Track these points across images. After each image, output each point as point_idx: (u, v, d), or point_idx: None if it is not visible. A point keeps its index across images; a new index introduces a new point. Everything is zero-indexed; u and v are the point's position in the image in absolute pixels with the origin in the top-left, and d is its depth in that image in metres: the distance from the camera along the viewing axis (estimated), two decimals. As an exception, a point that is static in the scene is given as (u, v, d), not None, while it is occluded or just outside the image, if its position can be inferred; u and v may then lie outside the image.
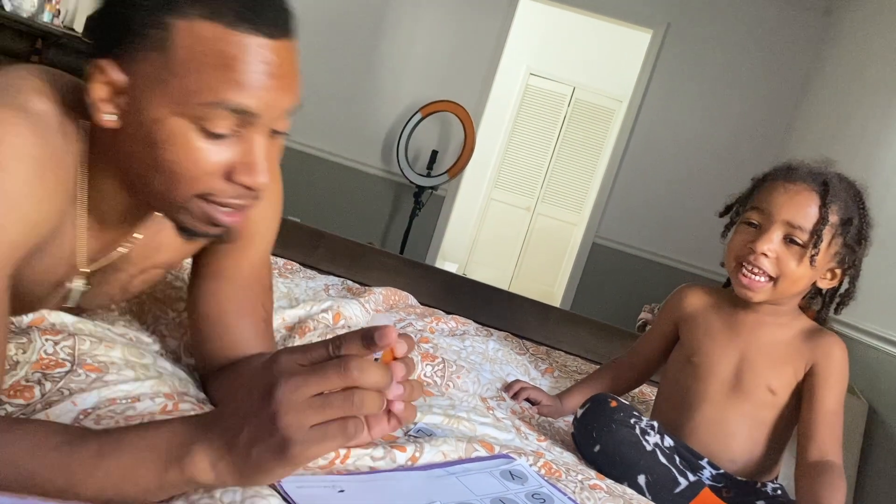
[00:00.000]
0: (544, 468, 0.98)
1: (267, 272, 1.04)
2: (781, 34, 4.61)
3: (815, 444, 1.17)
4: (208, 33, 0.69)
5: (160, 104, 0.70)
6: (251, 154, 0.75)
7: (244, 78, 0.70)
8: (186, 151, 0.72)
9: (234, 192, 0.76)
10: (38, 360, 0.84)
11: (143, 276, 0.97)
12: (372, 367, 0.62)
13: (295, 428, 0.59)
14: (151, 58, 0.70)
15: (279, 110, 0.75)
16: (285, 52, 0.74)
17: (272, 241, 1.03)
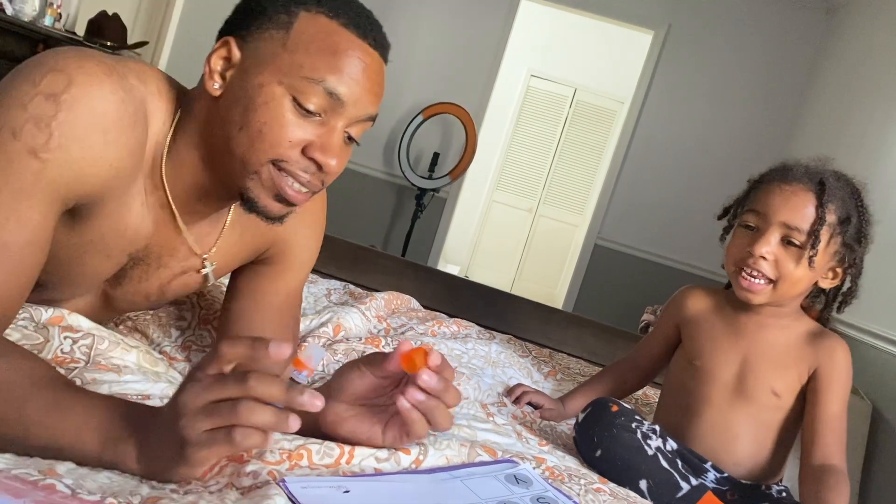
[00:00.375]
0: (547, 472, 0.98)
1: (299, 302, 1.09)
2: (783, 34, 4.61)
3: (819, 447, 1.16)
4: (325, 25, 0.82)
5: (268, 73, 0.80)
6: (329, 137, 0.83)
7: (344, 67, 0.81)
8: (277, 116, 0.80)
9: (304, 166, 0.83)
10: (54, 358, 0.85)
11: (185, 277, 0.98)
12: (270, 380, 0.64)
13: (188, 430, 0.63)
14: (273, 35, 0.81)
15: (363, 108, 0.85)
16: (379, 64, 0.86)
17: (308, 270, 1.08)
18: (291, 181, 0.83)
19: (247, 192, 0.84)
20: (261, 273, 1.04)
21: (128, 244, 0.89)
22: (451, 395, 0.81)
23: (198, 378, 0.65)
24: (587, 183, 6.71)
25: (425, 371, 0.77)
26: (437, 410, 0.80)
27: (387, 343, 1.46)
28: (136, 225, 0.88)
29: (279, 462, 0.76)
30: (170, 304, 1.28)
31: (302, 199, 0.86)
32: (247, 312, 1.02)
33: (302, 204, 0.87)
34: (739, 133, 4.68)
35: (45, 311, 0.92)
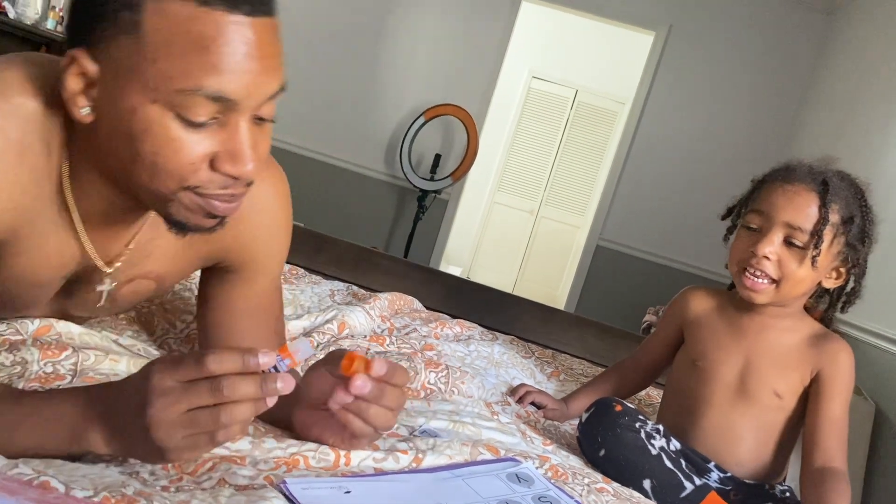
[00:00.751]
0: (550, 472, 0.97)
1: (277, 299, 1.03)
2: (784, 34, 4.61)
3: (821, 450, 1.16)
4: (180, 13, 0.64)
5: (134, 92, 0.66)
6: (235, 141, 0.70)
7: (221, 60, 0.66)
8: (166, 142, 0.68)
9: (221, 182, 0.72)
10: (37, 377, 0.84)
11: (132, 285, 0.93)
12: (243, 381, 0.65)
13: (166, 441, 0.64)
14: (123, 43, 0.66)
15: (262, 95, 0.71)
16: (266, 31, 0.69)
17: (279, 271, 1.01)
18: (214, 199, 0.73)
19: (171, 217, 0.75)
20: (227, 280, 0.96)
21: (57, 270, 0.84)
22: (390, 397, 0.79)
23: (167, 390, 0.64)
24: (589, 184, 6.71)
25: (358, 376, 0.76)
26: (370, 411, 0.79)
27: (391, 342, 1.45)
28: (60, 250, 0.81)
29: (274, 468, 0.76)
30: (173, 296, 1.28)
31: (235, 208, 0.76)
32: (223, 321, 0.97)
33: (238, 208, 0.77)
34: (741, 133, 4.67)
35: (31, 323, 0.92)
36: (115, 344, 0.99)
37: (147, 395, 0.64)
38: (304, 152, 4.99)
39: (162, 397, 0.64)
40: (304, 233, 2.20)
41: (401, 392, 0.81)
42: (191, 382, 0.65)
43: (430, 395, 1.24)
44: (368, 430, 0.81)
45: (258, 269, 0.96)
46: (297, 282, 1.81)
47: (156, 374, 0.65)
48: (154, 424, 0.64)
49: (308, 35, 4.94)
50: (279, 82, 0.73)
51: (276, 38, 0.72)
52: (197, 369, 0.65)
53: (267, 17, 0.70)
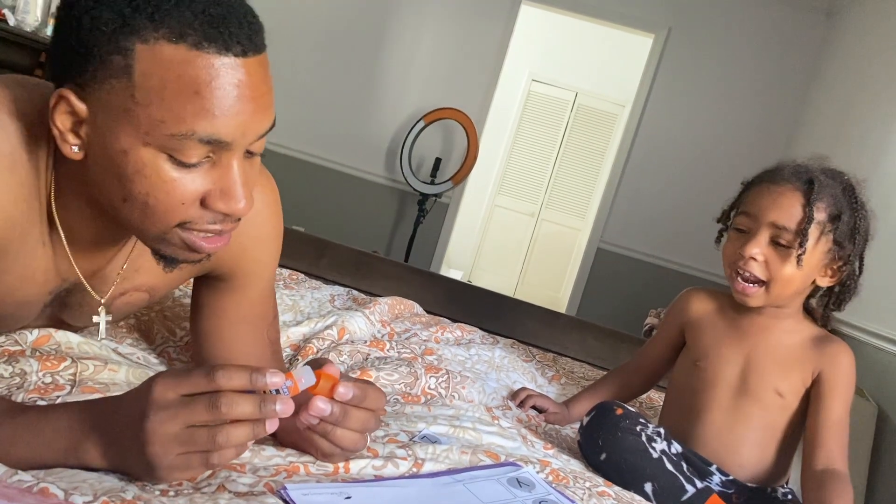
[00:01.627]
0: (551, 476, 0.97)
1: (270, 304, 1.02)
2: (783, 36, 4.61)
3: (822, 452, 1.16)
4: (172, 57, 0.64)
5: (125, 134, 0.66)
6: (227, 180, 0.71)
7: (214, 105, 0.66)
8: (158, 183, 0.68)
9: (211, 219, 0.72)
10: (36, 388, 0.84)
11: (125, 298, 0.93)
12: (241, 400, 0.65)
13: (160, 457, 0.64)
14: (115, 86, 0.65)
15: (255, 134, 0.71)
16: (258, 69, 0.69)
17: (272, 278, 1.01)
18: (203, 234, 0.74)
19: (158, 251, 0.76)
20: (219, 288, 0.96)
21: (43, 286, 0.83)
22: (355, 420, 0.78)
23: (167, 403, 0.64)
24: (589, 186, 6.71)
25: (318, 398, 0.74)
26: (335, 433, 0.78)
27: (391, 346, 1.45)
28: (46, 267, 0.81)
29: (274, 475, 0.76)
30: (173, 303, 1.28)
31: (223, 243, 0.76)
32: (216, 329, 0.97)
33: (226, 244, 0.77)
34: (741, 135, 4.67)
35: (30, 334, 0.92)
36: (114, 353, 0.99)
37: (146, 408, 0.64)
38: (304, 157, 5.00)
39: (161, 410, 0.64)
40: (305, 237, 2.20)
41: (370, 416, 0.79)
42: (191, 397, 0.65)
43: (431, 400, 1.24)
44: (336, 450, 0.80)
45: (250, 276, 0.96)
46: (297, 287, 1.81)
47: (158, 385, 0.65)
48: (150, 438, 0.63)
49: (308, 40, 4.95)
50: (271, 119, 0.73)
51: (268, 73, 0.72)
52: (205, 383, 0.65)
53: (258, 55, 0.69)
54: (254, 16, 0.70)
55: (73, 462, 0.67)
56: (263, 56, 0.71)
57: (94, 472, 0.67)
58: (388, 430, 0.99)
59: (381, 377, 1.25)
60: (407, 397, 1.22)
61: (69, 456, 0.67)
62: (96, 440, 0.66)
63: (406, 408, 1.14)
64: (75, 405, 0.69)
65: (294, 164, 4.97)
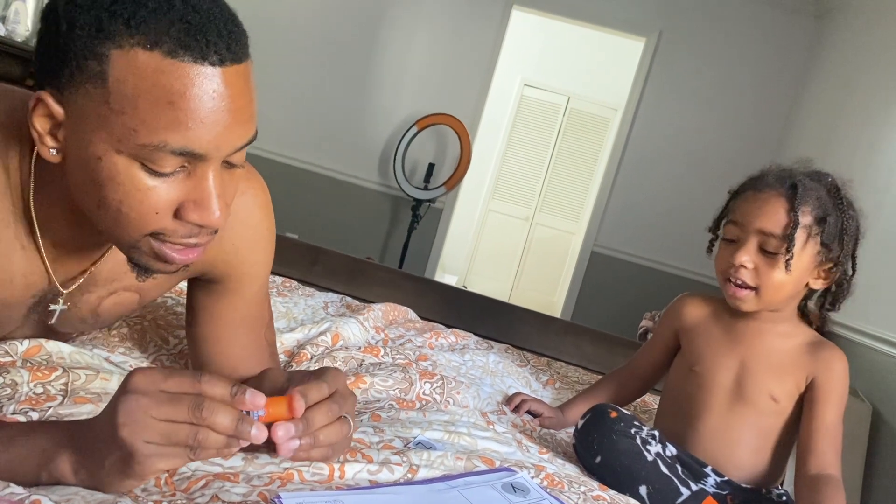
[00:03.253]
0: (546, 480, 0.97)
1: (265, 307, 1.02)
2: (773, 39, 4.63)
3: (815, 457, 1.16)
4: (147, 65, 0.62)
5: (100, 140, 0.65)
6: (202, 191, 0.69)
7: (188, 116, 0.64)
8: (132, 191, 0.67)
9: (185, 231, 0.71)
10: (27, 399, 0.83)
11: (114, 298, 0.93)
12: (223, 411, 0.65)
13: (133, 440, 0.62)
14: (90, 91, 0.64)
15: (231, 146, 0.69)
16: (237, 79, 0.67)
17: (266, 279, 1.00)
18: (176, 245, 0.72)
19: (132, 260, 0.74)
20: (213, 291, 0.96)
21: (24, 290, 0.82)
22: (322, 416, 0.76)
23: (145, 391, 0.64)
24: (583, 190, 6.72)
25: (278, 426, 0.72)
26: (318, 439, 0.77)
27: (385, 352, 1.45)
28: (25, 270, 0.80)
29: (268, 483, 0.76)
30: (166, 311, 1.27)
31: (195, 255, 0.74)
32: (212, 332, 0.97)
33: (199, 257, 0.75)
34: (732, 137, 4.69)
35: (21, 344, 0.91)
36: (106, 362, 0.98)
37: (121, 394, 0.64)
38: (297, 163, 4.99)
39: (139, 395, 0.63)
40: (298, 245, 2.20)
41: (329, 405, 0.78)
42: (175, 395, 0.65)
43: (426, 406, 1.24)
44: (329, 451, 0.80)
45: (243, 279, 0.95)
46: (290, 294, 1.81)
47: (138, 374, 0.65)
48: (122, 421, 0.63)
49: (300, 46, 4.95)
50: (251, 132, 0.71)
51: (249, 84, 0.69)
52: (189, 384, 0.65)
53: (237, 65, 0.67)
54: (236, 24, 0.68)
55: (45, 478, 0.66)
56: (244, 66, 0.68)
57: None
58: (383, 437, 0.99)
59: (375, 383, 1.25)
60: (402, 403, 1.22)
61: (42, 471, 0.66)
62: (69, 455, 0.66)
63: (401, 414, 1.14)
64: (53, 424, 0.69)
65: (287, 171, 4.97)
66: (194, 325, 0.98)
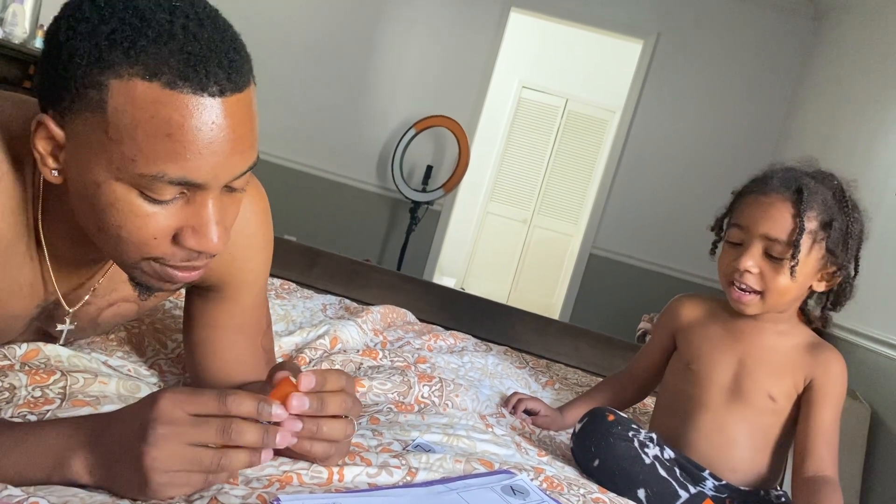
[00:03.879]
0: (545, 483, 0.97)
1: (263, 313, 1.02)
2: (771, 41, 4.64)
3: (812, 459, 1.16)
4: (145, 95, 0.62)
5: (99, 167, 0.65)
6: (200, 217, 0.69)
7: (186, 148, 0.64)
8: (131, 217, 0.67)
9: (183, 256, 0.71)
10: (25, 402, 0.83)
11: (114, 309, 0.93)
12: (250, 428, 0.67)
13: (158, 472, 0.63)
14: (89, 119, 0.64)
15: (230, 175, 0.69)
16: (238, 108, 0.66)
17: (263, 286, 1.00)
18: (174, 269, 0.73)
19: (134, 279, 0.75)
20: (211, 298, 0.96)
21: (30, 300, 0.83)
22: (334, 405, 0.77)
23: (176, 420, 0.64)
24: (581, 192, 6.73)
25: (293, 396, 0.72)
26: (322, 429, 0.77)
27: (384, 355, 1.45)
28: (32, 281, 0.81)
29: (267, 486, 0.76)
30: (164, 315, 1.27)
31: (197, 274, 0.75)
32: (209, 339, 0.97)
33: (200, 276, 0.76)
34: (730, 139, 4.70)
35: (19, 348, 0.91)
36: (104, 366, 0.98)
37: (151, 421, 0.64)
38: (295, 166, 5.00)
39: (168, 425, 0.64)
40: (297, 247, 2.19)
41: (345, 397, 0.78)
42: (199, 417, 0.65)
43: (424, 409, 1.24)
44: (330, 448, 0.80)
45: (241, 286, 0.95)
46: (288, 297, 1.81)
47: (165, 400, 0.65)
48: (153, 451, 0.63)
49: (299, 49, 4.95)
50: (252, 159, 0.71)
51: (250, 112, 0.69)
52: (215, 405, 0.66)
53: (238, 94, 0.66)
54: (238, 52, 0.67)
55: (59, 479, 0.66)
56: (245, 94, 0.67)
57: (84, 487, 0.67)
58: (382, 440, 0.99)
59: (374, 386, 1.25)
60: (400, 406, 1.22)
61: (55, 473, 0.66)
62: (84, 456, 0.66)
63: (399, 416, 1.14)
64: (63, 421, 0.69)
65: (285, 174, 4.97)
66: (191, 331, 0.99)
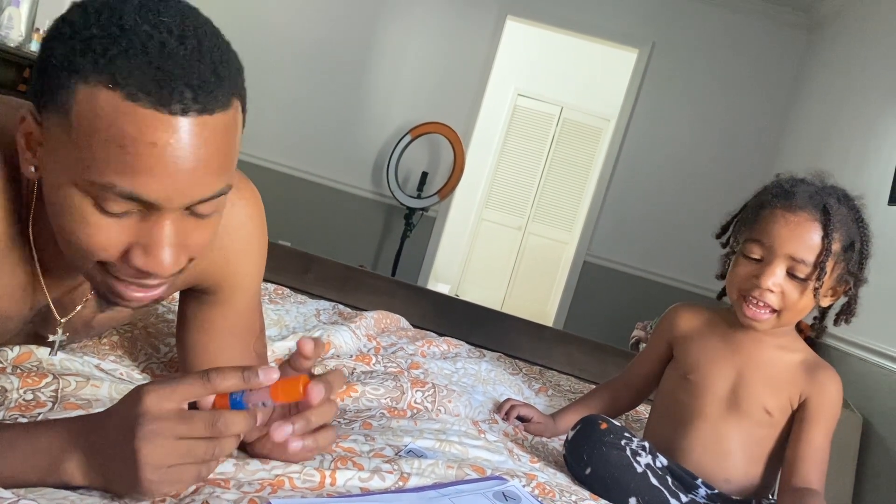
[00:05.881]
0: (537, 489, 0.97)
1: (256, 317, 1.02)
2: (766, 51, 4.67)
3: (799, 476, 1.16)
4: (106, 104, 0.61)
5: (61, 169, 0.64)
6: (151, 237, 0.66)
7: (138, 163, 0.62)
8: (82, 224, 0.65)
9: (131, 273, 0.69)
10: (17, 406, 0.83)
11: (108, 312, 0.93)
12: (237, 418, 0.66)
13: (151, 470, 0.63)
14: (57, 120, 0.64)
15: (188, 199, 0.66)
16: (203, 131, 0.63)
17: (257, 290, 1.00)
18: (131, 283, 0.70)
19: (94, 288, 0.73)
20: (205, 301, 0.95)
21: (24, 303, 0.82)
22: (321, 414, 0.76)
23: (163, 414, 0.64)
24: (575, 200, 6.74)
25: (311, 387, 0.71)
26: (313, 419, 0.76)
27: (377, 360, 1.45)
28: (26, 285, 0.80)
29: (259, 490, 0.75)
30: (157, 319, 1.27)
31: (155, 295, 0.73)
32: (202, 342, 0.97)
33: (156, 297, 0.73)
34: (725, 149, 4.72)
35: (11, 351, 0.91)
36: (96, 369, 0.98)
37: (139, 417, 0.63)
38: (290, 171, 4.99)
39: (157, 420, 0.63)
40: (291, 252, 2.19)
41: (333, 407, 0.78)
42: (188, 415, 0.65)
43: (417, 414, 1.24)
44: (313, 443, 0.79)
45: (235, 289, 0.95)
46: (282, 302, 1.81)
47: (150, 396, 0.64)
48: (145, 447, 0.63)
49: (294, 54, 4.96)
50: (213, 186, 0.67)
51: (219, 136, 0.65)
52: (200, 386, 0.65)
53: (204, 116, 0.63)
54: (218, 75, 0.64)
55: (54, 481, 0.66)
56: (216, 118, 0.64)
57: (75, 490, 0.66)
58: (374, 445, 0.99)
59: (366, 391, 1.25)
60: (393, 411, 1.21)
61: (49, 474, 0.66)
62: (78, 458, 0.66)
63: (392, 422, 1.14)
64: (55, 423, 0.68)
65: (280, 179, 4.96)
66: (184, 333, 0.99)
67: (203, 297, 0.96)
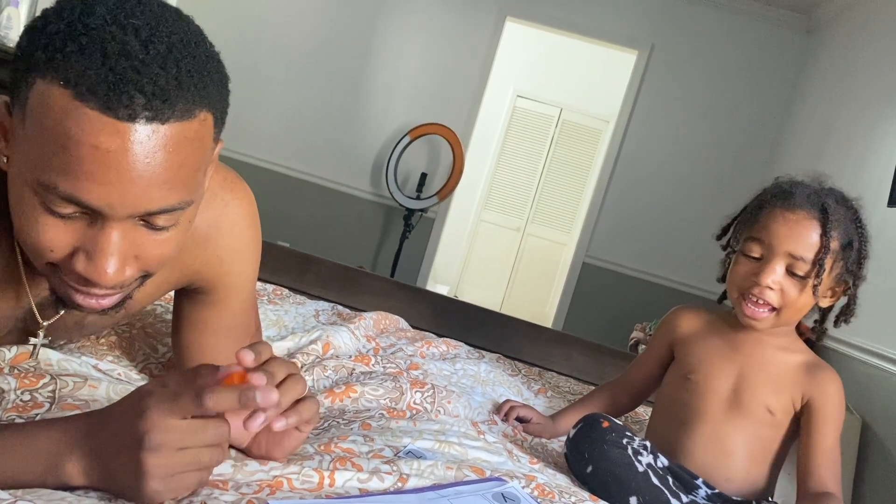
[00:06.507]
0: (537, 490, 0.97)
1: (252, 316, 1.02)
2: (765, 53, 4.67)
3: (815, 479, 1.17)
4: (56, 101, 0.59)
5: (18, 163, 0.63)
6: (95, 244, 0.64)
7: (78, 165, 0.59)
8: (32, 222, 0.64)
9: (75, 278, 0.67)
10: (14, 406, 0.83)
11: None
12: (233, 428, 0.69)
13: (157, 479, 0.63)
14: (18, 114, 0.63)
15: (134, 209, 0.63)
16: (147, 140, 0.60)
17: (252, 289, 1.00)
18: (80, 289, 0.68)
19: (53, 290, 0.72)
20: (200, 301, 0.95)
21: (15, 305, 0.82)
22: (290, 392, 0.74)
23: (172, 428, 0.64)
24: (574, 201, 6.74)
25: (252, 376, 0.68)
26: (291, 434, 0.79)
27: (376, 361, 1.45)
28: (10, 283, 0.79)
29: (257, 491, 0.75)
30: (155, 319, 1.27)
31: (107, 304, 0.71)
32: (198, 341, 0.97)
33: (113, 305, 0.72)
34: (723, 150, 4.72)
35: (8, 351, 0.90)
36: (94, 370, 0.97)
37: (147, 434, 0.63)
38: (289, 172, 4.99)
39: (165, 434, 0.63)
40: (290, 253, 2.19)
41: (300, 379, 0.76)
42: (192, 421, 0.65)
43: (416, 415, 1.24)
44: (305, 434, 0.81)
45: (229, 290, 0.95)
46: (281, 302, 1.80)
47: (155, 411, 0.63)
48: (152, 459, 0.63)
49: (294, 55, 4.96)
50: (169, 199, 0.64)
51: (171, 148, 0.62)
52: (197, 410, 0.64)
53: (154, 124, 0.60)
54: (180, 84, 0.61)
55: (53, 482, 0.65)
56: (172, 127, 0.61)
57: (73, 490, 0.66)
58: (373, 446, 0.99)
59: (366, 392, 1.25)
60: (392, 412, 1.21)
61: (48, 475, 0.65)
62: (77, 459, 0.65)
63: (391, 423, 1.14)
64: (54, 423, 0.68)
65: (279, 180, 4.96)
66: (180, 333, 0.99)
67: (198, 297, 0.95)
